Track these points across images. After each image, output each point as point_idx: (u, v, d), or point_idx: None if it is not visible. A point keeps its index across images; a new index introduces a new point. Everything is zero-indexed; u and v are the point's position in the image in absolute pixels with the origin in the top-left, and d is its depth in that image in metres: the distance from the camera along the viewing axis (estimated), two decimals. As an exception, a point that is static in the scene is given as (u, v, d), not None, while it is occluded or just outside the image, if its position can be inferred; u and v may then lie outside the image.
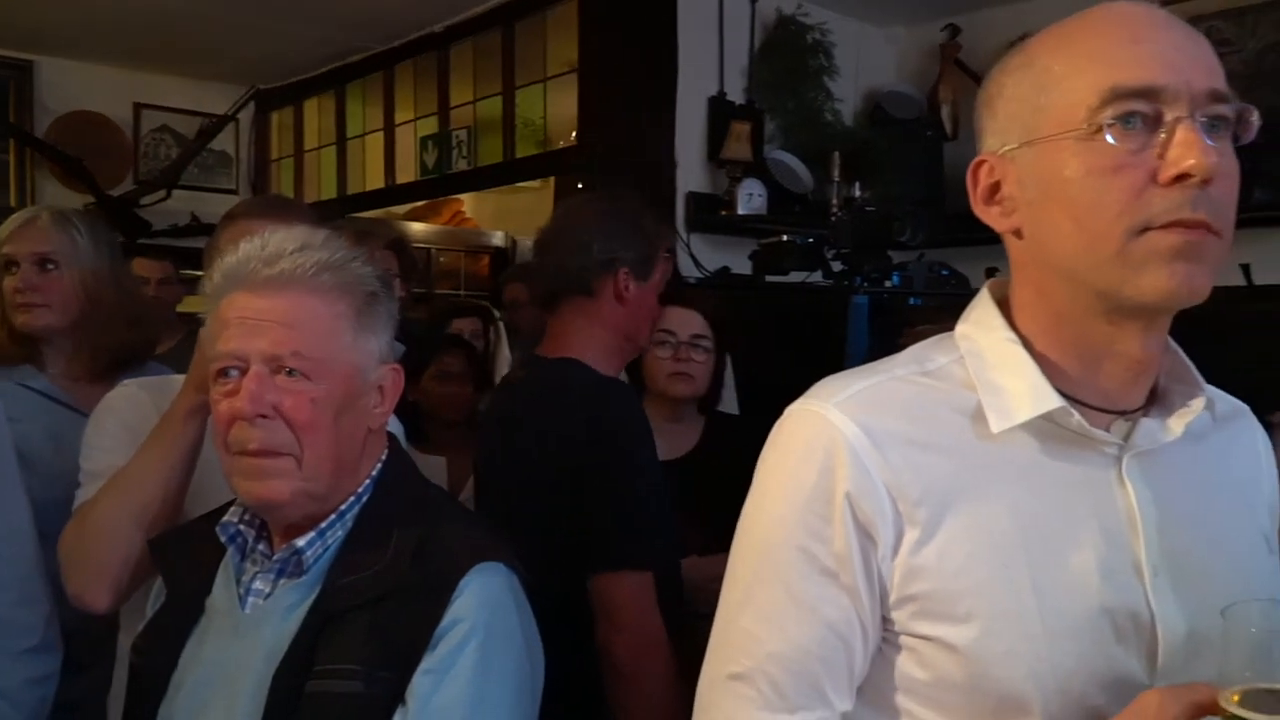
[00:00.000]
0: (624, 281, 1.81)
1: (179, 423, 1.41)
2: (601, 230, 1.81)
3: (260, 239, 1.17)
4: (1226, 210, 0.83)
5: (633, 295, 1.82)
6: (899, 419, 0.88)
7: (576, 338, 1.81)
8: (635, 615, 1.62)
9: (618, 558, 1.64)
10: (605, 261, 1.80)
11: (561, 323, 1.84)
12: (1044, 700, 0.84)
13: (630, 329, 1.86)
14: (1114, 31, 0.84)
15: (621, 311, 1.82)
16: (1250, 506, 0.99)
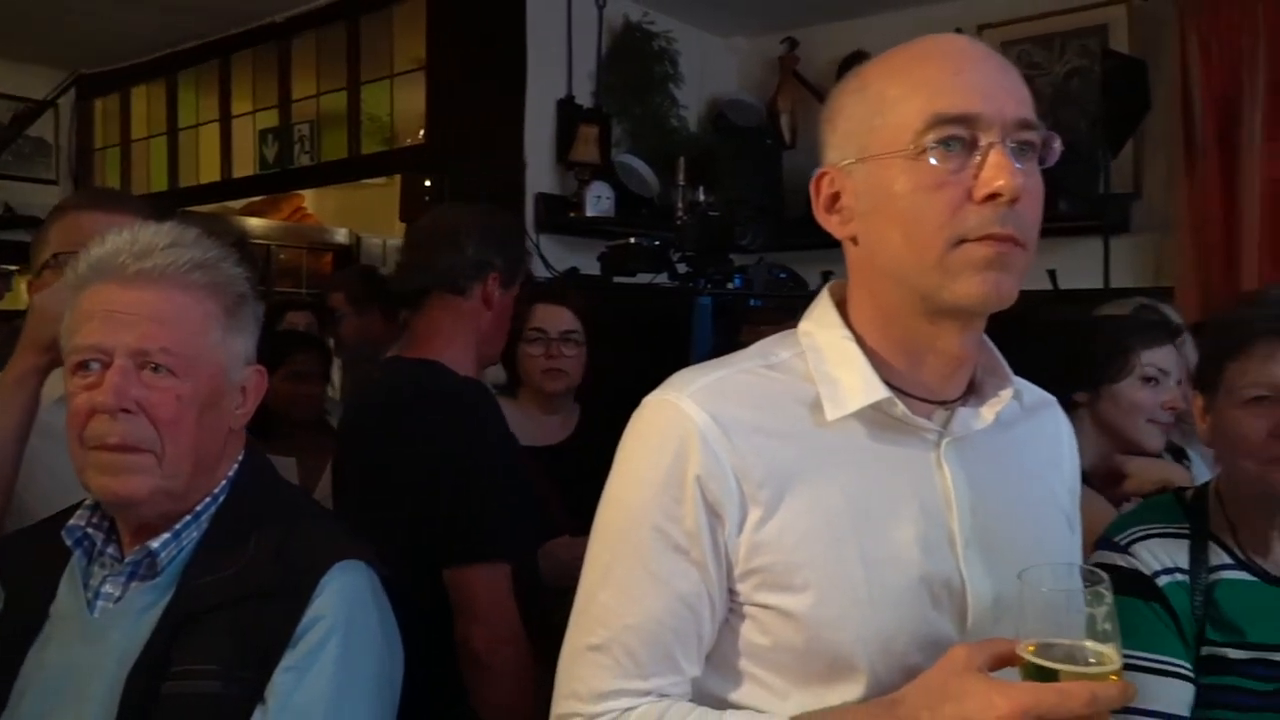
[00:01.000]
0: (493, 286, 1.84)
1: (9, 389, 1.36)
2: (477, 233, 1.84)
3: (130, 232, 1.15)
4: (1031, 225, 0.94)
5: (498, 301, 1.85)
6: (745, 408, 0.96)
7: (440, 338, 1.82)
8: (492, 607, 1.65)
9: (474, 551, 1.66)
10: (479, 264, 1.82)
11: (427, 321, 1.85)
12: (869, 660, 0.93)
13: (491, 334, 1.88)
14: (938, 63, 0.95)
15: (486, 316, 1.85)
16: (1051, 486, 1.11)
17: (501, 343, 1.96)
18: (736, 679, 0.98)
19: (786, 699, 0.95)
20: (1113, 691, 0.82)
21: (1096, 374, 1.98)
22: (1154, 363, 1.94)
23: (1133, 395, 1.96)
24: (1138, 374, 1.96)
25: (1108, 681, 0.83)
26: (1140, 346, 1.96)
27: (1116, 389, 1.96)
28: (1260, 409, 1.33)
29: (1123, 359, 1.97)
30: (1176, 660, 1.36)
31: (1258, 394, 1.33)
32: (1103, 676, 0.83)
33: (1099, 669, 0.84)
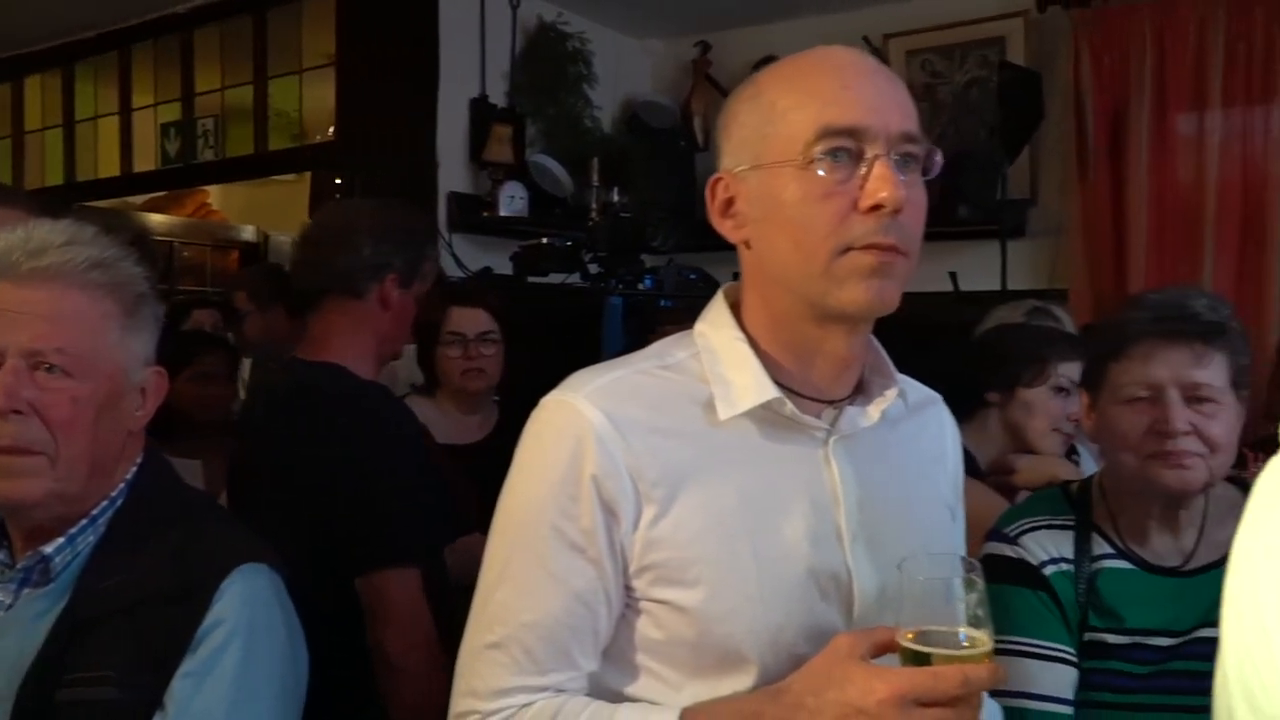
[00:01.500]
0: (391, 288, 1.82)
1: None
2: (374, 233, 1.81)
3: (24, 230, 1.12)
4: (913, 234, 0.98)
5: (396, 302, 1.83)
6: (641, 408, 0.99)
7: (338, 340, 1.80)
8: (404, 611, 1.64)
9: (384, 556, 1.65)
10: (376, 265, 1.80)
11: (324, 323, 1.82)
12: (759, 651, 0.96)
13: (390, 334, 1.87)
14: (828, 76, 0.98)
15: (384, 317, 1.83)
16: (935, 480, 1.16)
17: (402, 342, 1.94)
18: (632, 673, 1.01)
19: (680, 691, 0.98)
20: (983, 672, 0.87)
21: (1012, 378, 2.08)
22: (1067, 374, 2.04)
23: (1044, 402, 2.07)
24: (1051, 383, 2.06)
25: (979, 664, 0.88)
26: (1057, 358, 2.06)
27: (1030, 394, 2.06)
28: (1139, 407, 1.40)
29: (1040, 367, 2.06)
30: (1061, 646, 1.43)
31: (1137, 393, 1.41)
32: (976, 659, 0.88)
33: (971, 652, 0.88)
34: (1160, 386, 1.38)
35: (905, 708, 0.86)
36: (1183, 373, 1.37)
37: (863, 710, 0.87)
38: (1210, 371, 1.37)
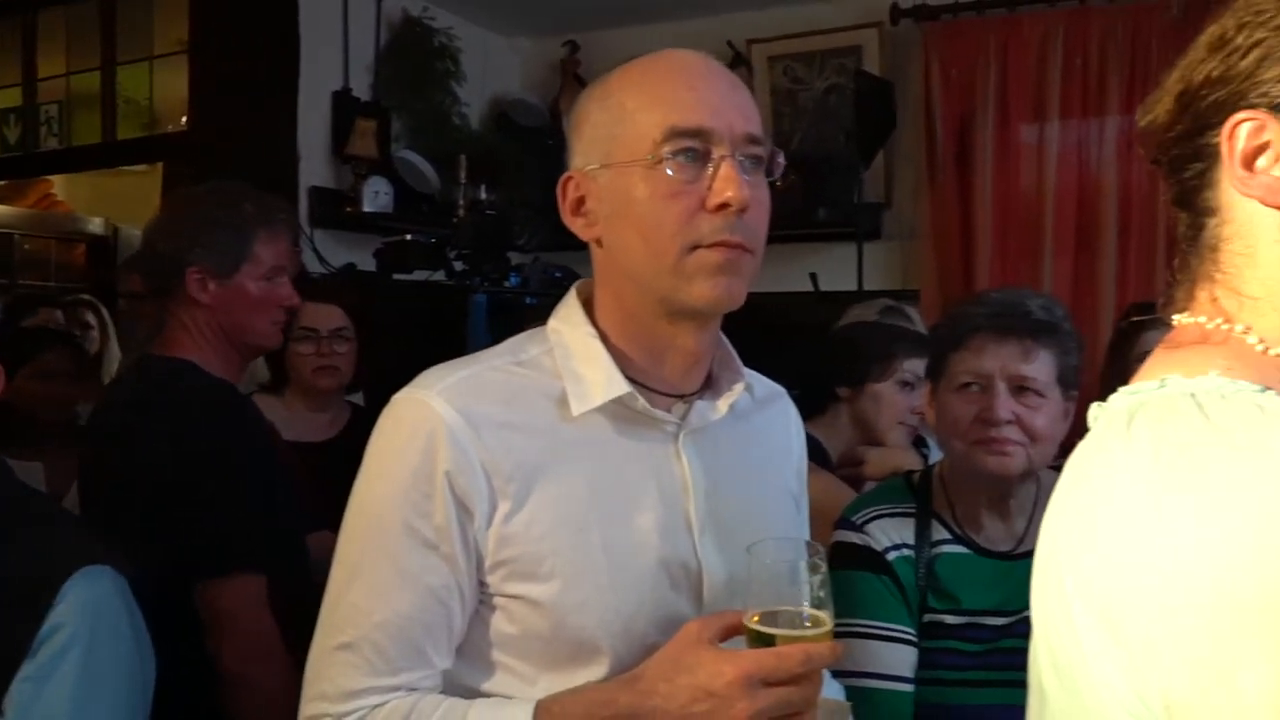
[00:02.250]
0: (198, 282, 1.73)
1: None
2: (166, 228, 1.74)
3: None
4: (759, 233, 1.02)
5: (214, 295, 1.73)
6: (494, 404, 1.00)
7: (183, 336, 1.74)
8: (245, 621, 1.59)
9: (224, 563, 1.60)
10: (172, 261, 1.73)
11: (172, 319, 1.76)
12: (611, 642, 0.99)
13: (236, 327, 1.77)
14: (675, 78, 1.01)
15: (212, 312, 1.74)
16: (781, 471, 1.21)
17: (262, 334, 1.80)
18: (487, 668, 1.01)
19: (534, 684, 0.99)
20: (824, 650, 0.91)
21: (861, 373, 2.17)
22: (912, 370, 2.14)
23: (890, 396, 2.17)
24: (897, 378, 2.16)
25: (821, 643, 0.92)
26: (903, 354, 2.16)
27: (878, 389, 2.16)
28: (969, 395, 1.49)
29: (886, 363, 2.16)
30: (902, 627, 1.51)
31: (968, 381, 1.50)
32: (818, 638, 0.93)
33: (814, 632, 0.93)
34: (989, 377, 1.47)
35: (752, 688, 0.90)
36: (1010, 365, 1.46)
37: (712, 693, 0.90)
38: (1036, 367, 1.46)
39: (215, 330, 1.76)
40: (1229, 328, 0.77)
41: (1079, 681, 0.72)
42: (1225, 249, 0.78)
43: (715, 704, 0.90)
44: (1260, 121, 0.73)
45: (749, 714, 0.89)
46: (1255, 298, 0.76)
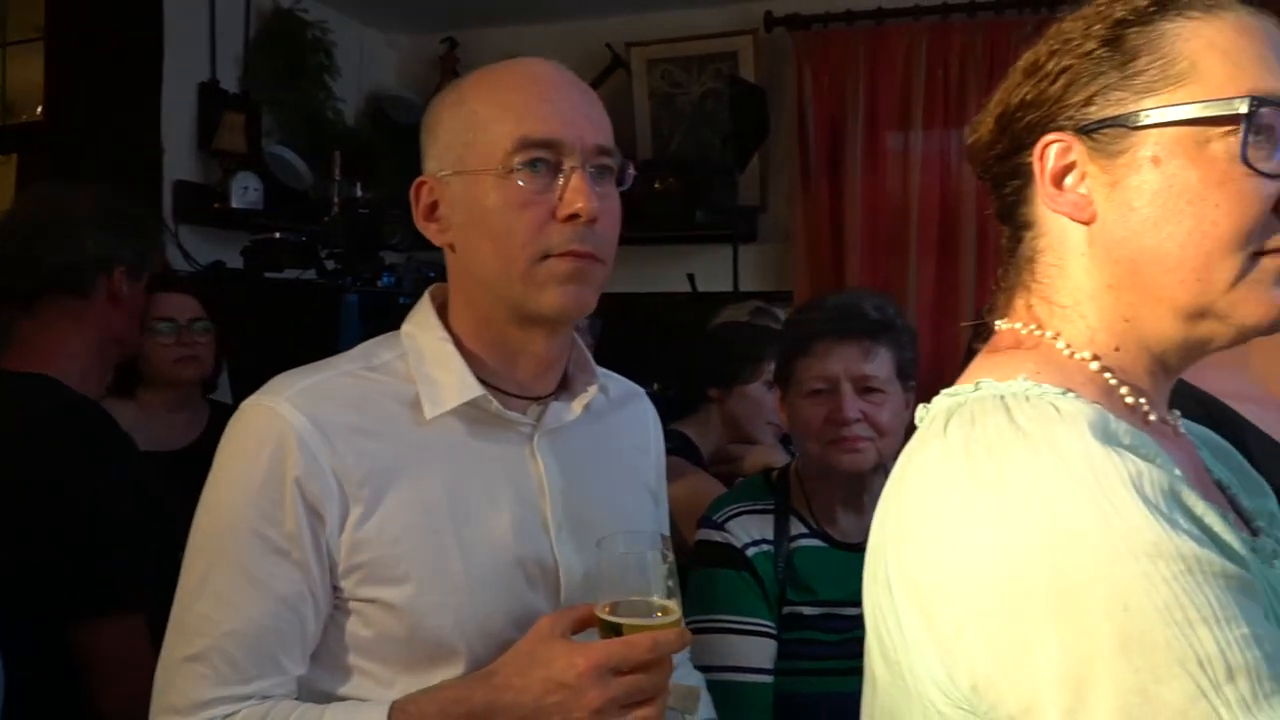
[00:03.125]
0: (121, 281, 1.69)
1: None
2: (97, 222, 1.68)
3: None
4: (609, 242, 1.05)
5: (127, 295, 1.72)
6: (344, 410, 1.00)
7: (53, 346, 1.64)
8: (121, 664, 1.48)
9: (99, 603, 1.49)
10: (101, 258, 1.67)
11: (40, 327, 1.65)
12: (468, 642, 1.00)
13: (122, 334, 1.74)
14: (527, 88, 1.03)
15: (115, 314, 1.70)
16: (638, 468, 1.24)
17: (134, 341, 1.80)
18: (343, 673, 1.02)
19: (392, 687, 1.00)
20: (672, 637, 0.95)
21: (730, 374, 2.23)
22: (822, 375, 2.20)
23: (759, 396, 2.23)
24: (764, 378, 2.22)
25: (669, 630, 0.96)
26: (771, 356, 2.22)
27: (747, 389, 2.22)
28: (820, 399, 1.56)
29: (755, 364, 2.22)
30: (762, 620, 1.56)
31: (818, 386, 1.56)
32: (666, 627, 0.96)
33: (662, 621, 0.96)
34: (835, 379, 1.54)
35: (603, 677, 0.93)
36: (853, 366, 1.54)
37: (564, 684, 0.93)
38: (876, 364, 1.54)
39: (94, 338, 1.68)
40: (1041, 334, 0.83)
41: (902, 665, 0.77)
42: (1040, 261, 0.84)
43: (568, 695, 0.92)
44: (1067, 143, 0.79)
45: (600, 702, 0.92)
46: (1064, 306, 0.82)
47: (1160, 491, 0.66)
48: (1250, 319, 0.75)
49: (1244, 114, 0.72)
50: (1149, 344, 0.79)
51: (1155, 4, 0.77)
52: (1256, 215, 0.73)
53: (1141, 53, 0.76)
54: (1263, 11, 0.78)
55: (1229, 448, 0.99)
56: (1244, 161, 0.72)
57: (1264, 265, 0.74)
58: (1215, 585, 0.63)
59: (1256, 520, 0.88)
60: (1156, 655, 0.61)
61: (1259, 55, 0.74)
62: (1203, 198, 0.73)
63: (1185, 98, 0.74)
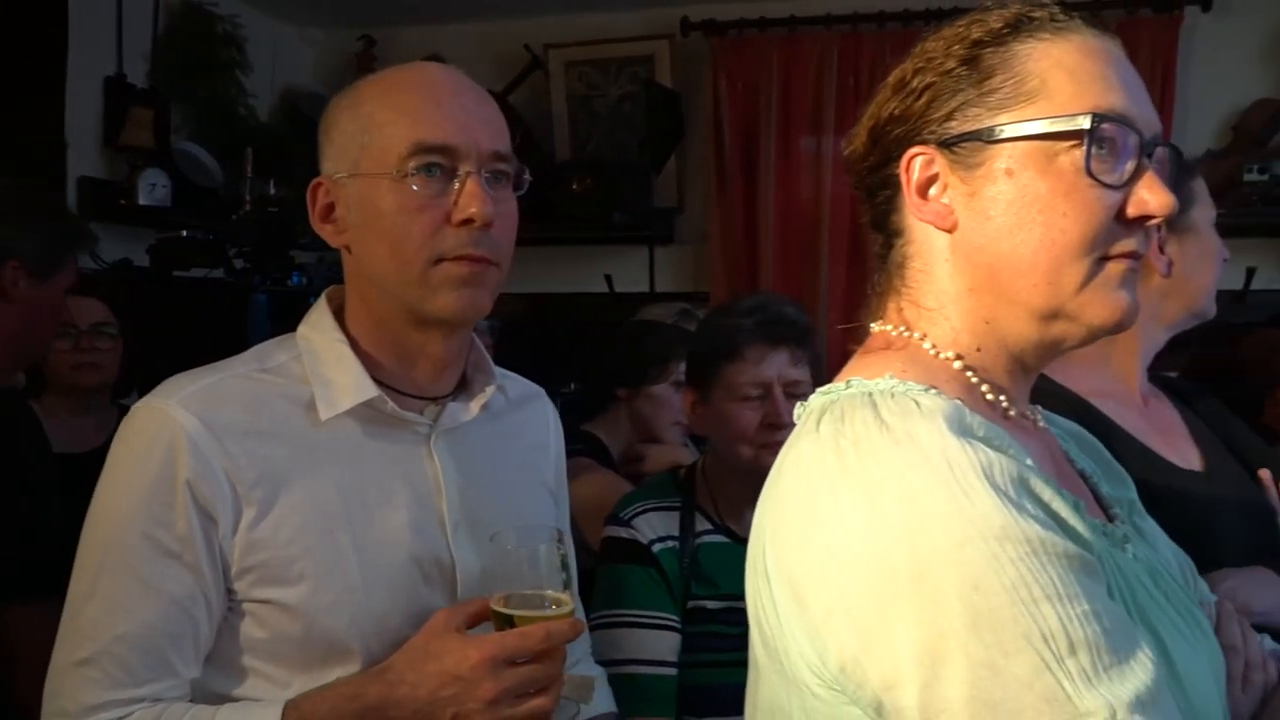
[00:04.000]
0: (12, 276, 1.65)
1: None
2: None
3: None
4: (504, 246, 1.07)
5: (24, 293, 1.66)
6: (237, 411, 1.00)
7: None
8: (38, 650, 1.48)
9: (23, 589, 1.49)
10: None
11: None
12: (364, 640, 1.01)
13: (21, 332, 1.69)
14: (423, 93, 1.04)
15: (9, 312, 1.65)
16: (537, 466, 1.26)
17: (42, 342, 1.75)
18: (238, 675, 1.02)
19: (288, 687, 1.01)
20: (565, 627, 0.98)
21: (638, 375, 2.26)
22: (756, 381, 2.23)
23: (666, 397, 2.26)
24: (672, 379, 2.26)
25: (562, 621, 0.98)
26: (679, 357, 2.26)
27: (654, 390, 2.25)
28: (754, 404, 1.60)
29: (662, 366, 2.25)
30: (667, 615, 1.60)
31: (751, 392, 1.60)
32: (558, 618, 0.98)
33: (555, 612, 0.99)
34: (769, 385, 1.59)
35: (496, 668, 0.95)
36: (784, 372, 1.59)
37: (458, 676, 0.95)
38: (801, 369, 1.59)
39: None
40: (909, 335, 0.87)
41: (779, 651, 0.80)
42: (909, 266, 0.88)
43: (462, 687, 0.94)
44: (930, 156, 0.84)
45: (494, 693, 0.94)
46: (931, 309, 0.86)
47: (1009, 480, 0.71)
48: (1098, 319, 0.81)
49: (1086, 129, 0.77)
50: (1008, 344, 0.84)
51: (1009, 26, 0.82)
52: (1101, 223, 0.78)
53: (996, 71, 0.81)
54: (1107, 33, 0.83)
55: (1095, 442, 1.05)
56: (1088, 173, 0.78)
57: (1109, 270, 0.80)
58: (1058, 565, 0.68)
59: (1115, 508, 0.94)
60: (1004, 631, 0.66)
61: (1102, 75, 0.80)
62: (1052, 207, 0.78)
63: (1035, 114, 0.79)
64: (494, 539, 1.00)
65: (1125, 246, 0.80)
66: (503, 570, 0.99)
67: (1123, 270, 0.80)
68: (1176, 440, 1.37)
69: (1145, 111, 0.81)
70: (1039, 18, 0.82)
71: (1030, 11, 0.82)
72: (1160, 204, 0.79)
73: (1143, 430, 1.33)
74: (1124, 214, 0.79)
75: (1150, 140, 0.80)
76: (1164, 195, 0.79)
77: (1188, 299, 1.38)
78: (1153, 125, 0.81)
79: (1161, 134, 0.83)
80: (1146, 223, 0.80)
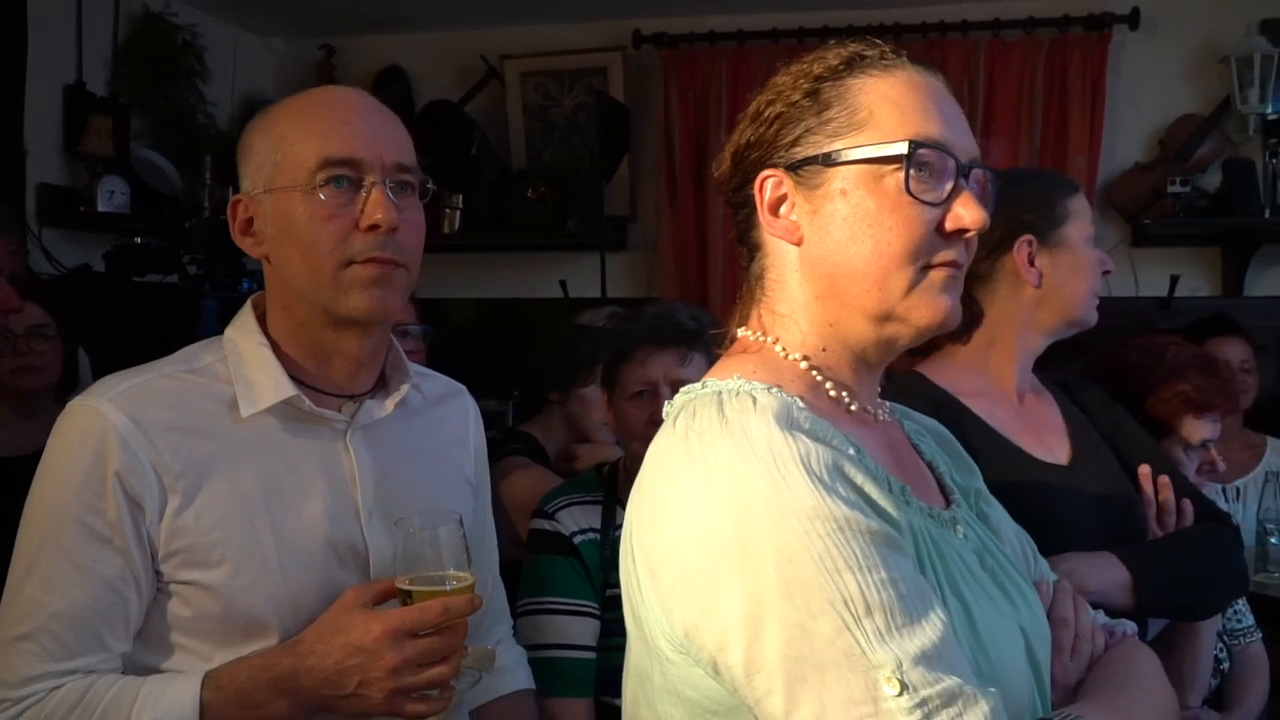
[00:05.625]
0: None
1: None
2: None
3: None
4: (411, 250, 1.16)
5: None
6: (163, 409, 1.10)
7: None
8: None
9: None
10: None
11: None
12: (280, 618, 1.11)
13: None
14: (331, 112, 1.14)
15: None
16: (456, 461, 1.36)
17: None
18: (166, 649, 1.11)
19: (210, 660, 1.10)
20: (462, 601, 1.08)
21: (569, 378, 2.35)
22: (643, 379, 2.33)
23: (596, 398, 2.36)
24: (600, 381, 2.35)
25: (460, 596, 1.08)
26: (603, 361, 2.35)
27: (584, 392, 2.35)
28: (641, 401, 1.71)
29: (589, 369, 2.35)
30: (587, 602, 1.70)
31: (639, 390, 1.71)
32: (457, 593, 1.08)
33: (454, 588, 1.08)
34: (655, 383, 1.69)
35: (398, 640, 1.04)
36: (671, 371, 1.69)
37: (362, 648, 1.04)
38: (692, 369, 1.69)
39: None
40: (764, 339, 0.98)
41: (642, 621, 0.90)
42: (766, 277, 0.99)
43: (366, 657, 1.04)
44: (779, 178, 0.95)
45: (396, 663, 1.04)
46: (784, 315, 0.97)
47: (825, 466, 0.81)
48: (923, 320, 0.91)
49: (905, 154, 0.88)
50: (850, 344, 0.95)
51: (845, 63, 0.93)
52: (922, 236, 0.89)
53: (833, 103, 0.92)
54: (931, 71, 0.94)
55: (949, 437, 1.16)
56: (908, 192, 0.89)
57: (931, 277, 0.91)
58: (861, 540, 0.78)
59: (955, 494, 1.05)
60: (812, 597, 0.76)
61: (922, 106, 0.91)
62: (879, 222, 0.89)
63: (864, 140, 0.90)
64: (399, 523, 1.10)
65: (946, 256, 0.91)
66: (408, 551, 1.09)
67: (944, 277, 0.91)
68: (1047, 436, 1.49)
69: (963, 139, 0.92)
70: (870, 56, 0.93)
71: (864, 50, 0.94)
72: (974, 219, 0.90)
73: (1013, 428, 1.45)
74: (943, 228, 0.90)
75: (967, 164, 0.91)
76: (977, 211, 0.90)
77: (1061, 308, 1.49)
78: (970, 151, 0.92)
79: (979, 159, 0.94)
80: (963, 235, 0.91)
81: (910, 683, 0.74)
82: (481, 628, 1.35)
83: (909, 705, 0.73)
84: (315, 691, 1.05)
